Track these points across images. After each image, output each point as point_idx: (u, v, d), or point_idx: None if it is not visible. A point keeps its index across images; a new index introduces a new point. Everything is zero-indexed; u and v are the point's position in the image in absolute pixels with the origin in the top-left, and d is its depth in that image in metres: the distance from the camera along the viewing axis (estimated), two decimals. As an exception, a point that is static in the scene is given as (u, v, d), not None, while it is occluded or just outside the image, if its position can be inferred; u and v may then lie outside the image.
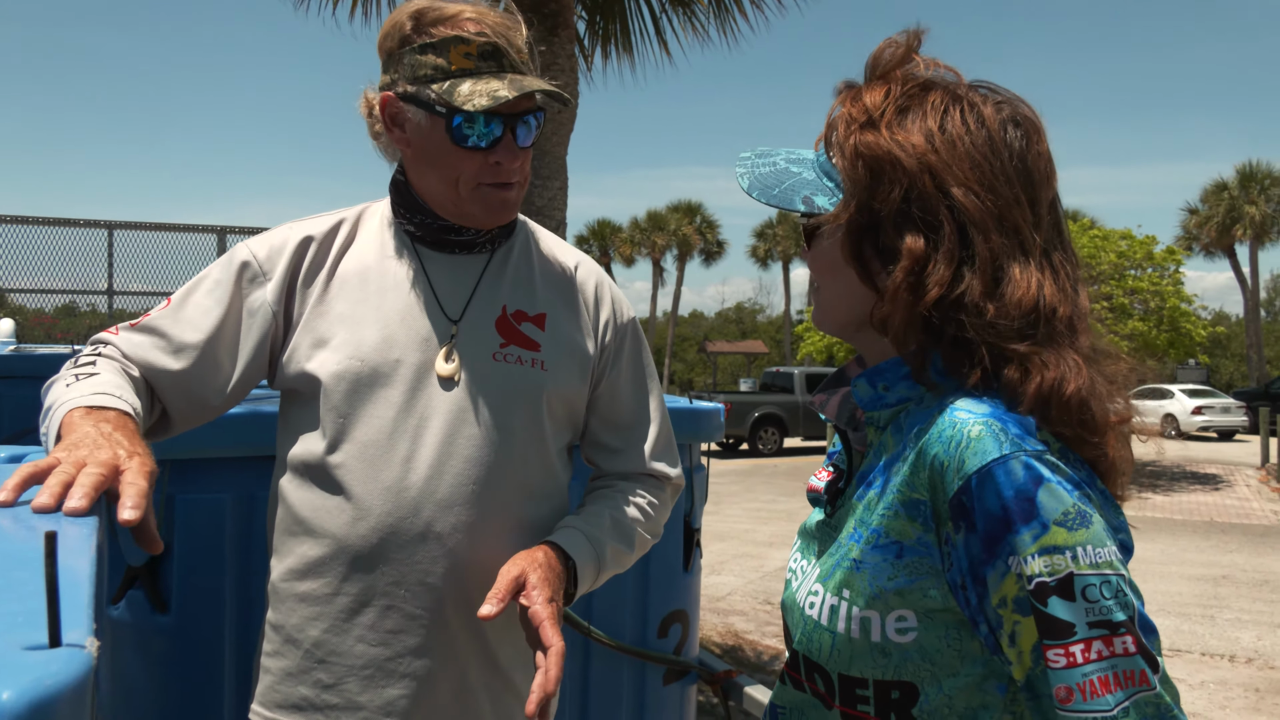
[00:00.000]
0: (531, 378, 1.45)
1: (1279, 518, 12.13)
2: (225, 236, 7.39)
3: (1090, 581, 0.83)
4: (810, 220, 1.04)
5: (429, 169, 1.42)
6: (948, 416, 0.90)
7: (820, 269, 1.04)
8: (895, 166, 0.94)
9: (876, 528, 0.94)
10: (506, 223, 1.48)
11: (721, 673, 2.38)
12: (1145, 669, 0.82)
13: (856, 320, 1.02)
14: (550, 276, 1.54)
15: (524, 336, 1.47)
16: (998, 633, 0.87)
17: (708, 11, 6.10)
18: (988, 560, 0.86)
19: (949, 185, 0.93)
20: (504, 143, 1.39)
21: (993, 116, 0.96)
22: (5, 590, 0.71)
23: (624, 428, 1.57)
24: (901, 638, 0.92)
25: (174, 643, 1.97)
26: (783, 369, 22.46)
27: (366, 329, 1.41)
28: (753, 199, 1.03)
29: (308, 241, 1.46)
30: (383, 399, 1.39)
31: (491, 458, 1.40)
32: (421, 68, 1.36)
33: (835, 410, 1.06)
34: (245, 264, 1.44)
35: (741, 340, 46.71)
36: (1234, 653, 6.22)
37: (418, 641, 1.38)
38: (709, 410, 2.51)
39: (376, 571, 1.37)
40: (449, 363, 1.41)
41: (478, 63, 1.36)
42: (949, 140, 0.94)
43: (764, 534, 10.43)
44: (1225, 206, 37.46)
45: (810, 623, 0.98)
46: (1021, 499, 0.84)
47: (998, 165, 0.94)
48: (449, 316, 1.44)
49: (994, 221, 0.93)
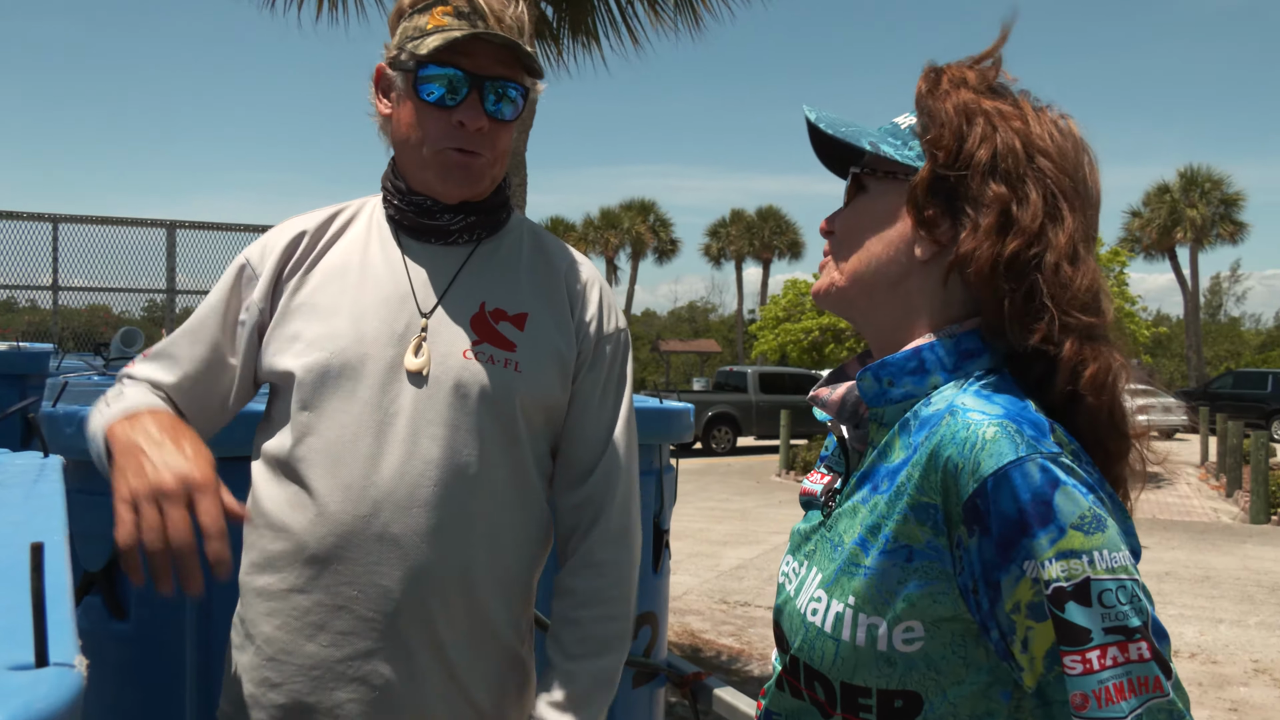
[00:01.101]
0: (504, 378, 1.40)
1: (1219, 515, 12.43)
2: (175, 231, 7.21)
3: (1107, 586, 0.82)
4: (865, 169, 1.04)
5: (402, 135, 1.41)
6: (960, 418, 0.89)
7: (859, 223, 1.04)
8: (989, 124, 0.96)
9: (886, 533, 0.92)
10: (470, 197, 1.43)
11: (690, 675, 2.37)
12: (1159, 675, 0.82)
13: (880, 280, 1.02)
14: (538, 276, 1.49)
15: (500, 335, 1.42)
16: (1009, 638, 0.86)
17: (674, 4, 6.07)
18: (1001, 565, 0.85)
19: (1036, 155, 0.95)
20: (468, 101, 1.36)
21: (1073, 131, 1.00)
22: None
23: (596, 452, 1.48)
24: (908, 647, 0.91)
25: (132, 650, 1.91)
26: (736, 368, 22.55)
27: (339, 321, 1.39)
28: (818, 131, 1.05)
29: (300, 236, 1.46)
30: (351, 393, 1.36)
31: (455, 460, 1.36)
32: (406, 32, 1.38)
33: (837, 405, 1.04)
34: (241, 268, 1.46)
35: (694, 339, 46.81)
36: (1177, 648, 6.35)
37: (369, 645, 1.34)
38: (678, 410, 2.49)
39: (331, 571, 1.34)
40: (418, 357, 1.37)
41: (452, 19, 1.35)
42: (1042, 128, 0.98)
43: (719, 533, 10.45)
44: (1167, 209, 38.29)
45: (813, 629, 0.97)
46: (1038, 502, 0.83)
47: (1077, 168, 0.98)
48: (420, 309, 1.41)
49: (1076, 200, 0.95)
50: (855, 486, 1.00)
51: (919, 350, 0.98)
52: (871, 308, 1.04)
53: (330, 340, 1.38)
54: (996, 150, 0.95)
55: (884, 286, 1.02)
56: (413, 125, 1.38)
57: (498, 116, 1.38)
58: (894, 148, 1.02)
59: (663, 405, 2.48)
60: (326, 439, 1.35)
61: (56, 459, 1.34)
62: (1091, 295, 0.93)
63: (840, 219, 1.07)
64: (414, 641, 1.36)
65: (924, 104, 1.01)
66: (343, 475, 1.34)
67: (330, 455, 1.35)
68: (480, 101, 1.36)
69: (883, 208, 1.02)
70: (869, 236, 1.03)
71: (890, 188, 1.02)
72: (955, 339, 0.97)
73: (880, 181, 1.03)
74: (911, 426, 0.95)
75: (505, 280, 1.46)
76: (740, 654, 5.99)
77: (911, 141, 1.02)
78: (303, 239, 1.46)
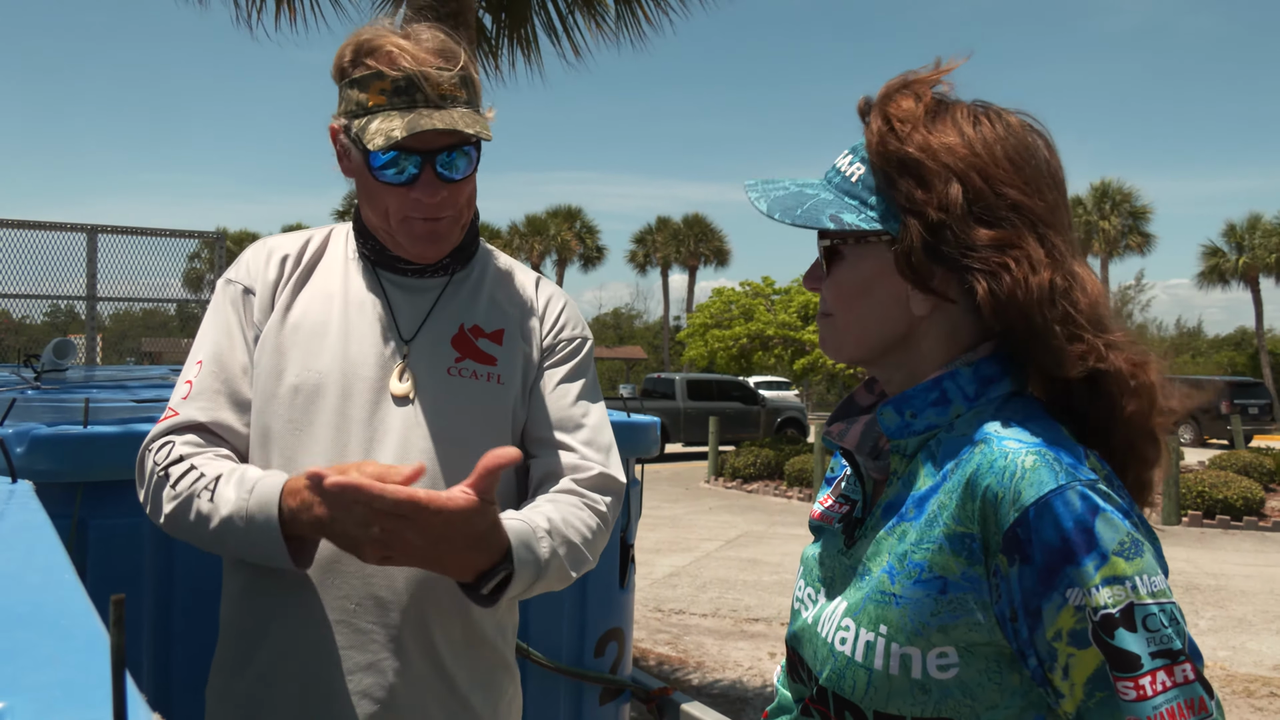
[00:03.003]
0: (488, 391, 1.45)
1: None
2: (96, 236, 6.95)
3: (1150, 611, 0.83)
4: (833, 242, 1.02)
5: (366, 201, 1.43)
6: (996, 446, 0.89)
7: (847, 292, 1.02)
8: (944, 167, 0.94)
9: (919, 561, 0.92)
10: (441, 256, 1.46)
11: (656, 690, 2.35)
12: (1204, 696, 0.83)
13: (886, 343, 1.01)
14: (509, 294, 1.54)
15: (480, 351, 1.47)
16: (1048, 665, 0.86)
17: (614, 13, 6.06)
18: (1044, 592, 0.85)
19: (1000, 186, 0.93)
20: (423, 179, 1.36)
21: (1017, 124, 0.98)
22: (14, 657, 0.61)
23: (564, 424, 1.49)
24: (943, 674, 0.90)
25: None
26: (664, 375, 22.62)
27: (329, 343, 1.42)
28: (774, 220, 1.01)
29: (285, 258, 1.48)
30: (340, 412, 1.38)
31: (446, 472, 1.38)
32: (349, 102, 1.37)
33: (856, 439, 1.04)
34: (233, 290, 1.47)
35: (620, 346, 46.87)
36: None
37: (368, 659, 1.35)
38: (646, 424, 2.47)
39: (329, 585, 1.35)
40: (403, 382, 1.41)
41: (390, 98, 1.34)
42: (985, 142, 0.95)
43: (650, 540, 10.45)
44: (1081, 222, 39.67)
45: (842, 659, 0.96)
46: (1081, 530, 0.84)
47: (1034, 169, 0.96)
48: (403, 337, 1.44)
49: (1052, 220, 0.94)
50: (882, 516, 0.99)
51: (940, 381, 0.98)
52: (887, 361, 1.04)
53: (320, 361, 1.40)
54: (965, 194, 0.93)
55: (892, 344, 1.02)
56: (376, 199, 1.40)
57: (454, 178, 1.38)
58: (855, 212, 0.99)
59: (630, 419, 2.46)
60: (316, 456, 1.36)
61: (26, 484, 1.27)
62: (1104, 308, 0.94)
63: (828, 290, 1.04)
64: (412, 651, 1.37)
65: (886, 155, 0.97)
66: None
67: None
68: (434, 175, 1.36)
69: (865, 273, 1.00)
70: (861, 306, 1.01)
71: (865, 251, 1.00)
72: (974, 366, 0.98)
73: (855, 247, 1.01)
74: (936, 454, 0.96)
75: (481, 301, 1.51)
76: (678, 662, 5.98)
77: (870, 198, 0.99)
78: (287, 261, 1.48)
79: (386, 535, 1.13)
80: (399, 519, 1.11)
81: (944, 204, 0.93)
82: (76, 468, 1.82)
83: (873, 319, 1.01)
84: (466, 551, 1.18)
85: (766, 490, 14.86)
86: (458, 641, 1.40)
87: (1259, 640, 6.68)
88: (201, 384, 1.41)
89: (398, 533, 1.12)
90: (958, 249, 0.93)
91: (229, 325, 1.45)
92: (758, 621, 7.04)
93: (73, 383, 3.50)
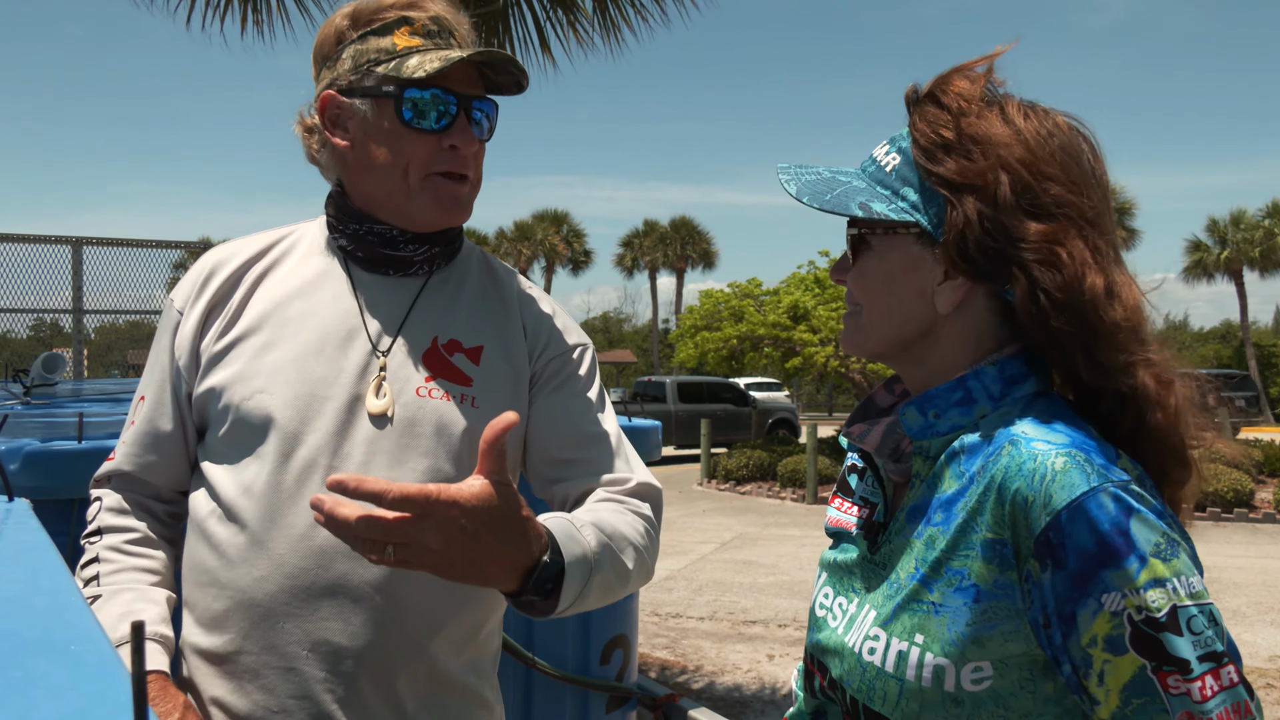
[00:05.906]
0: (460, 415, 1.32)
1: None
2: (81, 249, 6.88)
3: (1192, 613, 0.81)
4: (860, 231, 1.00)
5: (375, 164, 1.31)
6: (1024, 448, 0.87)
7: (871, 283, 1.00)
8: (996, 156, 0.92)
9: (950, 569, 0.90)
10: (455, 225, 1.37)
11: (663, 697, 2.33)
12: (1248, 699, 0.82)
13: (910, 336, 0.99)
14: (491, 305, 1.42)
15: (455, 370, 1.34)
16: (1083, 672, 0.84)
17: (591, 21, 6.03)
18: (1078, 598, 0.83)
19: (1047, 182, 0.91)
20: (459, 124, 1.30)
21: (1065, 124, 0.96)
22: (27, 687, 0.58)
23: (586, 440, 1.38)
24: (976, 686, 0.88)
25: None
26: (654, 378, 22.60)
27: (281, 359, 1.30)
28: (802, 204, 0.99)
29: (230, 265, 1.38)
30: (294, 437, 1.27)
31: None
32: (365, 55, 1.30)
33: (877, 441, 1.01)
34: (169, 312, 1.39)
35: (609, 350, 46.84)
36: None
37: (322, 710, 1.24)
38: (647, 429, 2.46)
39: (279, 628, 1.24)
40: (379, 398, 1.29)
41: (424, 40, 1.29)
42: (1037, 136, 0.93)
43: (647, 544, 10.43)
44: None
45: (872, 669, 0.94)
46: (1116, 533, 0.82)
47: (1080, 170, 0.94)
48: (376, 347, 1.33)
49: (1097, 222, 0.93)
50: (908, 521, 0.97)
51: (964, 380, 0.96)
52: (907, 358, 1.02)
53: (270, 380, 1.28)
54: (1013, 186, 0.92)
55: (914, 339, 1.00)
56: (397, 152, 1.30)
57: (480, 137, 1.34)
58: (886, 202, 0.97)
59: (631, 423, 2.44)
60: (270, 484, 1.26)
61: (24, 502, 1.23)
62: (1141, 317, 0.92)
63: (853, 281, 1.03)
64: (371, 703, 1.25)
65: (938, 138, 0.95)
66: (288, 523, 1.25)
67: (273, 503, 1.26)
68: (469, 122, 1.31)
69: (891, 264, 0.98)
70: (887, 299, 0.99)
71: (894, 243, 0.98)
72: (999, 365, 0.95)
73: (883, 238, 0.99)
74: (961, 456, 0.93)
75: (459, 312, 1.39)
76: (677, 667, 5.96)
77: (903, 189, 0.97)
78: (223, 269, 1.37)
79: (405, 550, 0.96)
80: (411, 524, 0.95)
81: (993, 193, 0.91)
82: (71, 483, 1.79)
83: (896, 312, 0.99)
84: (499, 546, 0.99)
85: (760, 492, 14.85)
86: (422, 689, 1.28)
87: (1252, 632, 6.70)
88: (139, 425, 1.37)
89: (416, 540, 0.95)
90: (1005, 241, 0.91)
91: (162, 356, 1.38)
92: (755, 624, 7.02)
93: (62, 397, 3.46)
